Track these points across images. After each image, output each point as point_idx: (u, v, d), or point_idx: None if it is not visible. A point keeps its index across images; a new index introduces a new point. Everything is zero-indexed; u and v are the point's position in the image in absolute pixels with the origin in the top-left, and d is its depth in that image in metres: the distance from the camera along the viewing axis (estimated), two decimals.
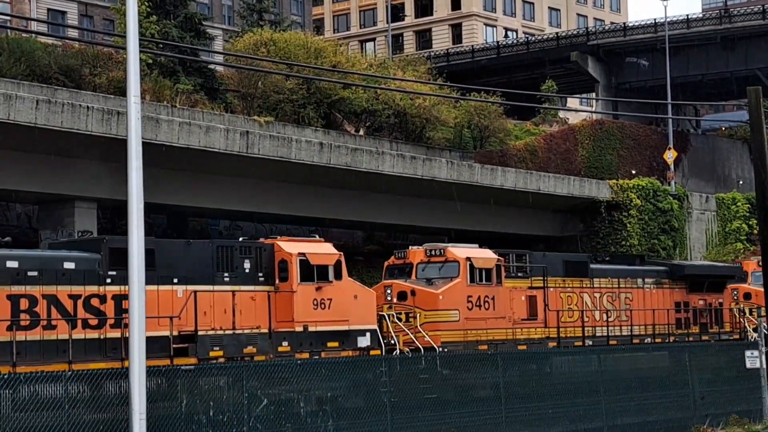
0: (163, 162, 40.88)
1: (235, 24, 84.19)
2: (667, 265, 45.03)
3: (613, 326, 40.71)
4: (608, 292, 41.35)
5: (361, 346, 30.87)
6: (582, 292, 40.13)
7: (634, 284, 42.34)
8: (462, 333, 34.45)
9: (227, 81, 62.62)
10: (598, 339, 39.45)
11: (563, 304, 39.13)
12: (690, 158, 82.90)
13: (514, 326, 36.53)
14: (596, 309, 40.39)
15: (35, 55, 52.59)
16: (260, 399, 24.00)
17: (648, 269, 43.89)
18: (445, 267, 35.00)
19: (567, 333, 38.68)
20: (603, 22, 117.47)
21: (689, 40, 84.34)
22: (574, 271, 39.98)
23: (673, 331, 42.98)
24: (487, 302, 35.46)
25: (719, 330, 44.58)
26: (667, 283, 43.73)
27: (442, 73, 78.91)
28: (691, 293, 44.35)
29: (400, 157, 51.20)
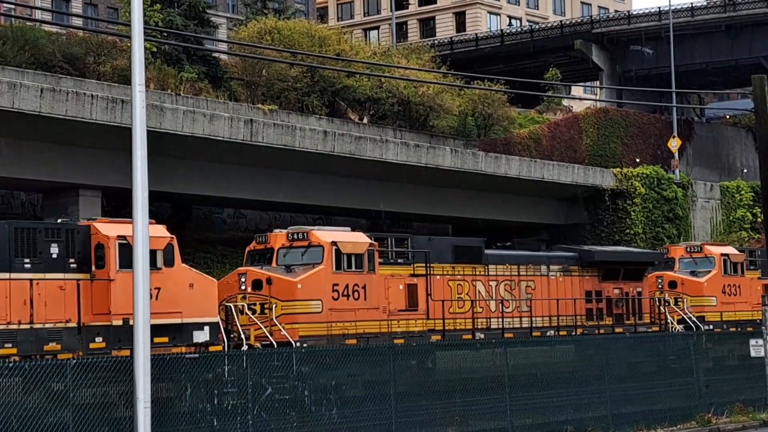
0: (168, 150, 40.90)
1: (239, 12, 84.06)
2: (577, 251, 41.33)
3: (510, 317, 37.22)
4: (506, 281, 37.58)
5: (198, 342, 27.33)
6: (475, 280, 36.34)
7: (537, 271, 38.60)
8: (325, 326, 30.83)
9: (231, 69, 62.60)
10: (492, 332, 35.78)
11: (452, 293, 35.37)
12: (694, 146, 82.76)
13: (389, 318, 32.71)
14: (491, 299, 36.74)
15: (39, 43, 52.59)
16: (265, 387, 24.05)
17: (553, 255, 40.37)
18: (309, 252, 31.25)
19: (456, 325, 34.91)
20: (607, 11, 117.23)
21: (693, 29, 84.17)
22: (465, 256, 36.25)
23: (583, 322, 39.30)
24: (356, 291, 31.73)
25: (635, 322, 40.91)
26: (576, 270, 40.03)
27: (445, 62, 78.75)
28: (604, 281, 40.62)
29: (404, 145, 51.19)
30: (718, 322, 43.07)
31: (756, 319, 42.91)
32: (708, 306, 43.15)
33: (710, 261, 43.70)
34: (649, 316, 41.77)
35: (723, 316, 43.42)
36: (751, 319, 43.69)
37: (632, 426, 31.50)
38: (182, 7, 60.45)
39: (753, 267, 45.79)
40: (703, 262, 43.79)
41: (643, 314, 41.52)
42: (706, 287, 43.28)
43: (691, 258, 44.11)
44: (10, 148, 39.05)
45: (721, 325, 42.86)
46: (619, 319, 40.48)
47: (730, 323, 43.48)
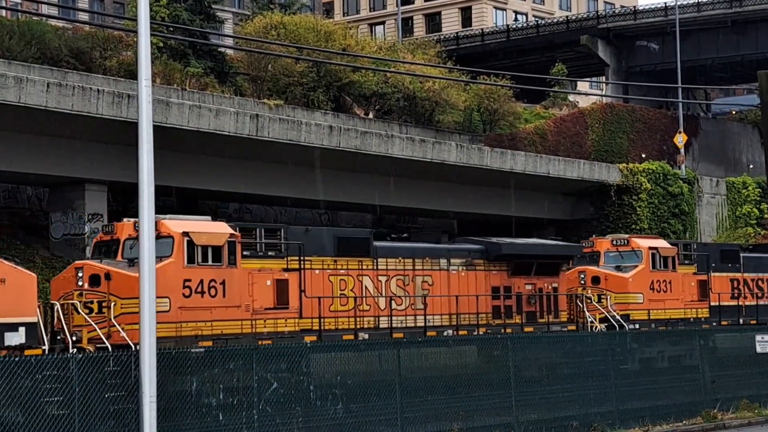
0: (173, 145, 40.93)
1: (245, 7, 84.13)
2: (483, 243, 37.57)
3: (403, 315, 33.98)
4: (398, 275, 34.26)
5: (11, 345, 23.99)
6: (361, 274, 33.17)
7: (435, 265, 35.32)
8: (174, 326, 27.57)
9: (237, 64, 62.60)
10: (381, 331, 32.77)
11: (333, 289, 32.25)
12: (700, 142, 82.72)
13: (254, 317, 29.56)
14: (380, 295, 33.46)
15: (46, 38, 52.60)
16: (270, 382, 24.06)
17: (455, 248, 37.01)
18: (157, 244, 27.22)
19: (338, 324, 31.93)
20: (613, 6, 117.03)
21: (700, 24, 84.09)
22: (350, 249, 33.12)
23: (489, 320, 36.21)
24: (213, 288, 28.62)
25: (549, 320, 37.66)
26: (481, 264, 36.73)
27: (451, 57, 78.69)
28: (514, 277, 37.29)
29: (410, 141, 51.19)
30: (645, 320, 40.04)
31: (689, 317, 41.78)
32: (633, 303, 39.99)
33: (637, 255, 40.56)
34: (566, 314, 38.59)
35: (651, 315, 40.41)
36: (684, 317, 41.70)
37: (637, 422, 31.51)
38: (188, 2, 60.44)
39: (688, 262, 42.64)
40: (630, 257, 40.58)
41: (559, 312, 38.33)
42: (631, 283, 40.18)
43: (617, 252, 40.79)
44: (16, 143, 39.10)
45: (649, 324, 39.88)
46: (532, 318, 37.33)
47: (660, 322, 40.58)
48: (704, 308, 43.02)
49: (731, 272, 44.92)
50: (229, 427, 23.04)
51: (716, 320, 43.02)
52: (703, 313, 42.94)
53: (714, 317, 43.10)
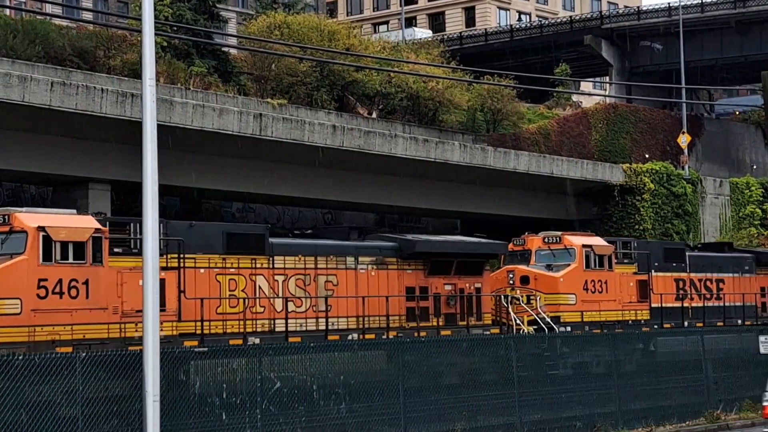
0: (177, 144, 40.92)
1: (249, 6, 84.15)
2: (396, 240, 35.01)
3: (303, 318, 31.48)
4: (298, 275, 31.74)
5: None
6: (254, 274, 30.68)
7: (341, 264, 32.68)
8: (26, 330, 25.17)
9: (241, 64, 62.62)
10: (275, 335, 30.36)
11: (221, 289, 29.75)
12: (704, 142, 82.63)
13: (123, 320, 26.90)
14: (276, 296, 31.05)
15: (50, 37, 52.65)
16: (273, 382, 24.06)
17: (364, 245, 34.26)
18: (10, 240, 25.83)
19: (226, 328, 29.51)
20: (617, 6, 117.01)
21: (703, 24, 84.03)
22: (242, 246, 30.52)
23: (402, 323, 33.62)
24: (75, 288, 26.05)
25: (469, 323, 35.16)
26: (394, 263, 34.10)
27: (455, 57, 78.72)
28: (432, 276, 34.75)
29: (413, 140, 51.17)
30: (578, 323, 37.90)
31: (628, 319, 39.72)
32: (564, 305, 37.73)
33: (570, 253, 38.39)
34: (490, 316, 36.28)
35: (584, 316, 38.19)
36: (621, 319, 39.58)
37: (641, 422, 31.53)
38: (192, 1, 60.48)
39: (628, 260, 40.69)
40: (563, 255, 38.40)
41: (483, 314, 35.90)
42: (562, 283, 37.90)
43: (549, 250, 38.58)
44: (20, 142, 39.11)
45: (582, 327, 37.77)
46: (451, 320, 34.79)
47: (594, 324, 38.29)
48: (644, 310, 40.82)
49: (676, 272, 42.92)
50: (232, 426, 23.08)
51: (657, 322, 40.80)
52: (643, 315, 40.70)
53: (655, 319, 40.85)
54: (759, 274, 47.48)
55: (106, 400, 21.03)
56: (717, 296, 44.59)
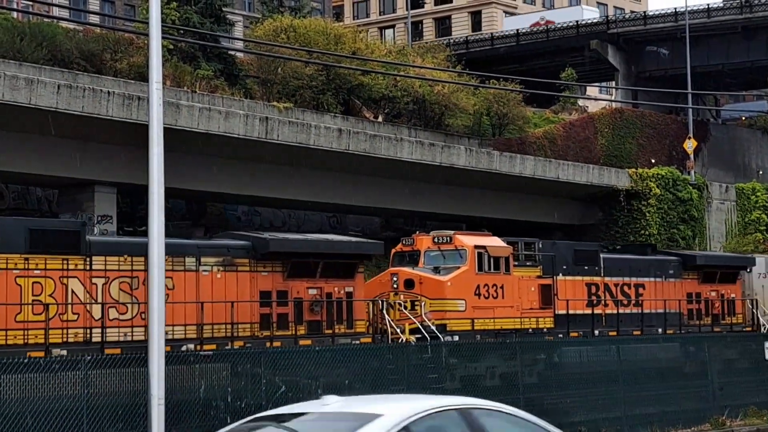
0: (183, 147, 40.96)
1: (256, 10, 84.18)
2: (249, 238, 31.82)
3: (129, 327, 28.22)
4: (122, 277, 28.36)
5: None
6: (66, 276, 27.25)
7: (179, 265, 29.22)
8: None
9: (247, 67, 62.69)
10: (91, 347, 26.80)
11: (22, 294, 26.50)
12: (710, 148, 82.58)
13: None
14: (94, 301, 27.68)
15: (57, 40, 52.76)
16: (278, 385, 24.06)
17: (208, 244, 31.18)
18: None
19: (27, 338, 26.08)
20: (623, 11, 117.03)
21: (710, 30, 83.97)
22: (51, 244, 27.16)
23: (255, 331, 30.44)
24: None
25: (338, 331, 32.08)
26: (246, 264, 30.94)
27: (461, 61, 78.76)
28: (292, 279, 31.63)
29: (419, 144, 51.19)
30: (468, 331, 34.33)
31: (527, 327, 36.28)
32: (452, 311, 34.27)
33: (461, 255, 34.88)
34: (365, 323, 33.13)
35: (475, 324, 34.67)
36: (520, 327, 36.14)
37: (646, 428, 31.48)
38: (199, 4, 60.56)
39: (530, 263, 37.24)
40: (453, 256, 34.94)
41: (354, 321, 32.69)
42: (449, 287, 34.29)
43: (438, 251, 35.13)
44: (26, 144, 39.17)
45: (473, 336, 34.06)
46: (316, 328, 31.60)
47: (487, 333, 34.72)
48: (547, 317, 37.31)
49: (588, 276, 39.40)
50: None
51: (563, 331, 37.19)
52: (546, 323, 37.19)
53: (561, 327, 37.36)
54: (686, 278, 43.74)
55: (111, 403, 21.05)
56: (636, 303, 41.04)
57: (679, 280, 43.43)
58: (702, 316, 43.76)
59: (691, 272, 44.03)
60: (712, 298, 44.46)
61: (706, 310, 44.07)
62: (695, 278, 44.17)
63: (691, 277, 43.98)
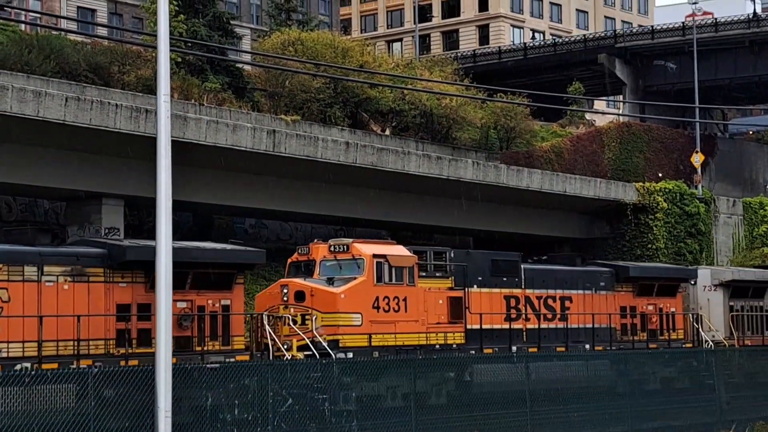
0: (190, 160, 40.98)
1: (263, 23, 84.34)
2: (105, 246, 28.88)
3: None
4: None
5: None
6: None
7: (16, 275, 26.48)
8: None
9: (254, 80, 62.78)
10: None
11: None
12: (717, 162, 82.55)
13: None
14: None
15: (64, 52, 52.87)
16: (285, 398, 24.03)
17: (54, 251, 27.90)
18: None
19: None
20: (631, 25, 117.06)
21: (717, 44, 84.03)
22: None
23: (111, 348, 27.62)
24: None
25: (206, 348, 29.18)
26: (101, 274, 27.93)
27: (468, 74, 78.84)
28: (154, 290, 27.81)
29: (426, 157, 51.17)
30: (364, 347, 31.39)
31: (434, 343, 33.48)
32: (346, 325, 31.33)
33: (358, 265, 32.23)
34: (244, 338, 30.54)
35: (373, 340, 31.77)
36: (425, 343, 33.22)
37: None
38: (207, 18, 60.68)
39: (440, 274, 34.49)
40: (350, 266, 32.27)
41: (232, 337, 29.86)
42: (342, 300, 31.41)
43: (335, 260, 32.48)
44: (34, 157, 39.20)
45: (370, 352, 31.11)
46: (185, 344, 28.69)
47: (387, 349, 31.85)
48: (458, 332, 34.47)
49: (507, 288, 36.65)
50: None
51: (476, 347, 34.57)
52: (457, 339, 34.37)
53: (473, 343, 34.65)
54: (619, 291, 41.19)
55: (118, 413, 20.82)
56: (561, 317, 38.35)
57: (612, 293, 40.78)
58: (637, 332, 41.05)
59: (626, 284, 41.50)
60: (648, 312, 41.81)
61: (642, 324, 41.38)
62: (630, 291, 41.69)
63: (626, 290, 41.49)
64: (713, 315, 43.80)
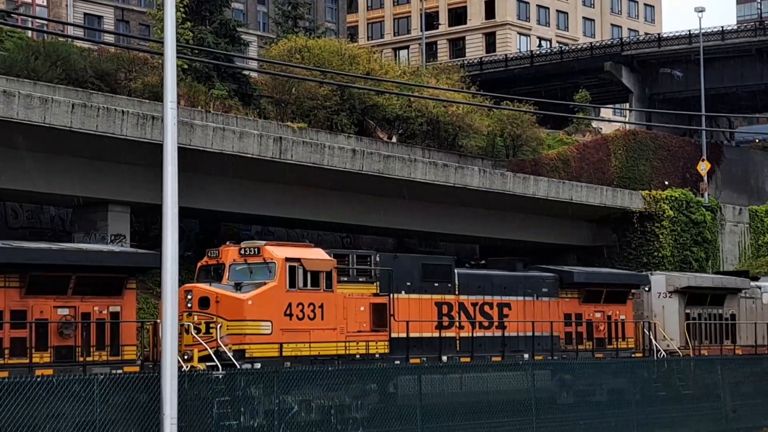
0: (197, 167, 41.01)
1: (270, 30, 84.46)
2: None
3: None
4: None
5: None
6: None
7: None
8: None
9: (261, 87, 62.83)
10: None
11: None
12: (723, 170, 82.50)
13: None
14: None
15: (71, 59, 52.95)
16: (291, 406, 24.00)
17: None
18: None
19: None
20: (637, 33, 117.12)
21: (724, 52, 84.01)
22: None
23: None
24: None
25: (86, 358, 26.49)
26: None
27: (475, 82, 78.89)
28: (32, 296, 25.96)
29: (433, 165, 51.18)
30: (275, 358, 29.05)
31: (354, 353, 31.25)
32: (253, 334, 29.07)
33: (270, 269, 30.00)
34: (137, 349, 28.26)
35: (284, 350, 29.42)
36: (344, 353, 30.96)
37: None
38: (213, 25, 60.77)
39: (365, 279, 32.18)
40: (261, 271, 30.02)
41: (122, 347, 27.30)
42: (250, 307, 29.14)
43: (245, 264, 30.28)
44: (40, 163, 39.23)
45: (281, 363, 28.65)
46: (67, 355, 26.23)
47: (301, 359, 29.51)
48: (381, 341, 32.15)
49: (439, 294, 34.27)
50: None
51: (401, 357, 32.26)
52: (380, 348, 32.05)
53: (398, 352, 32.37)
54: (564, 297, 38.56)
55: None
56: (499, 324, 35.98)
57: (556, 300, 38.14)
58: (583, 340, 38.54)
59: (570, 291, 38.79)
60: (596, 320, 39.13)
61: (588, 333, 38.78)
62: (575, 297, 38.92)
63: (571, 296, 38.77)
64: (668, 323, 41.45)
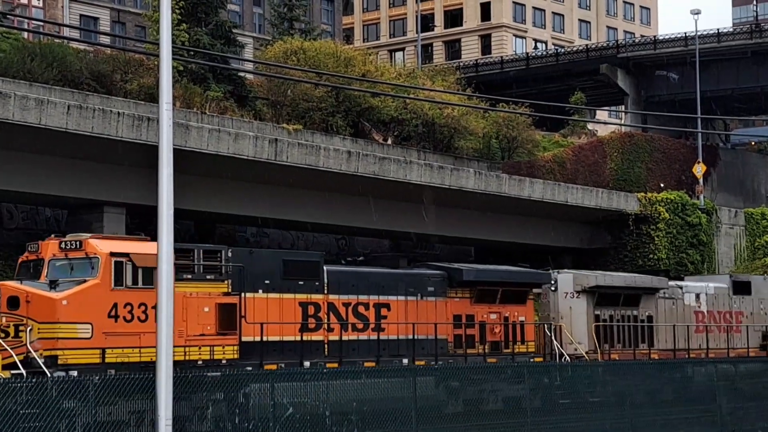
0: (192, 168, 41.00)
1: (266, 32, 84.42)
2: None
3: None
4: None
5: None
6: None
7: None
8: None
9: (257, 89, 62.82)
10: None
11: None
12: (719, 172, 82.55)
13: None
14: None
15: (67, 60, 52.93)
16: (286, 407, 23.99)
17: None
18: None
19: None
20: (633, 35, 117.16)
21: (720, 54, 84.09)
22: None
23: None
24: None
25: None
26: None
27: (471, 84, 78.91)
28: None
29: (428, 167, 51.20)
30: (96, 364, 25.71)
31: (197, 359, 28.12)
32: (69, 338, 25.65)
33: (92, 264, 26.72)
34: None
35: (107, 356, 26.15)
36: (184, 359, 27.29)
37: None
38: (209, 26, 60.72)
39: (214, 276, 29.00)
40: (82, 267, 26.71)
41: None
42: (65, 307, 25.77)
43: (66, 259, 26.94)
44: (36, 164, 39.23)
45: (104, 371, 25.07)
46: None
47: (129, 366, 25.97)
48: (230, 345, 29.01)
49: (305, 293, 31.42)
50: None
51: (254, 362, 29.20)
52: (227, 353, 28.87)
53: (250, 357, 29.35)
54: (453, 297, 35.65)
55: None
56: (376, 326, 33.22)
57: (443, 299, 35.29)
58: (475, 344, 35.60)
59: (461, 290, 35.93)
60: (490, 322, 36.29)
61: (480, 335, 35.88)
62: (467, 297, 36.05)
63: (461, 296, 35.91)
64: (576, 325, 38.80)
